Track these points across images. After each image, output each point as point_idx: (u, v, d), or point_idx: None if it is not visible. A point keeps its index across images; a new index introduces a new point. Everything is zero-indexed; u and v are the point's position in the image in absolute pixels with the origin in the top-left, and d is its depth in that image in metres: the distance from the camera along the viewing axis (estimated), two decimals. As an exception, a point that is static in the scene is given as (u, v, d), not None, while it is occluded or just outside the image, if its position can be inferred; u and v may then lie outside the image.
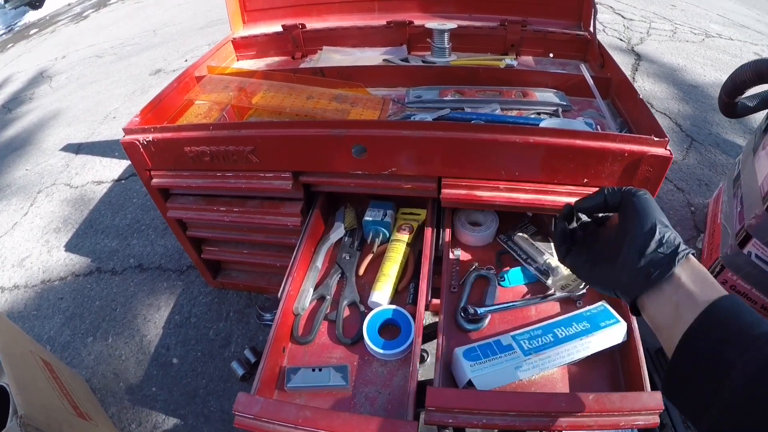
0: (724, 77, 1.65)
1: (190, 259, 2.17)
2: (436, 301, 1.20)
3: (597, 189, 0.79)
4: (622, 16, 4.19)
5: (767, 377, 0.50)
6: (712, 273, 1.62)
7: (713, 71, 3.41)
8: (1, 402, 1.32)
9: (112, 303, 2.22)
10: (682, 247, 0.66)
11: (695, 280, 0.63)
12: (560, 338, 1.06)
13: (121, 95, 4.29)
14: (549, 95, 1.55)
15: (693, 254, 0.67)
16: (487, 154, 1.19)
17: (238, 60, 2.08)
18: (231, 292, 2.10)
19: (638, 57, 3.55)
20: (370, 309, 1.24)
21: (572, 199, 1.15)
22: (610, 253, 0.73)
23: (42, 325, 2.21)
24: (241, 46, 2.07)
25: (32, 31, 7.58)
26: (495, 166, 1.20)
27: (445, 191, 1.24)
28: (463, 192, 1.23)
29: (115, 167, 3.24)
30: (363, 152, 1.24)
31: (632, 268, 0.67)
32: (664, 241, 0.66)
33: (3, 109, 4.82)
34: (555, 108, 1.50)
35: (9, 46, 7.17)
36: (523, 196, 1.21)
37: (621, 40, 3.74)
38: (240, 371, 1.69)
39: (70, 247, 2.65)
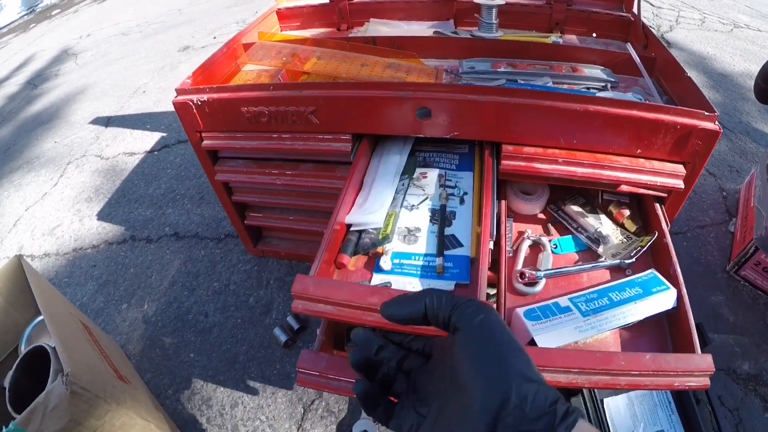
0: (754, 68, 1.66)
1: (229, 228, 2.19)
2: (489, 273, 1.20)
3: (418, 292, 0.51)
4: (651, 4, 4.17)
5: None
6: (745, 255, 1.65)
7: (742, 61, 3.39)
8: (39, 363, 1.33)
9: (147, 270, 2.23)
10: (561, 408, 0.40)
11: None
12: (615, 301, 1.08)
13: (150, 71, 4.28)
14: (597, 71, 1.56)
15: (583, 418, 0.40)
16: (548, 121, 1.20)
17: (282, 30, 2.08)
18: (271, 260, 2.10)
19: (668, 44, 3.53)
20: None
21: (626, 176, 1.17)
22: (445, 420, 0.46)
23: (74, 292, 2.22)
24: (286, 16, 2.07)
25: (54, 12, 7.58)
26: (555, 132, 1.21)
27: (504, 162, 1.24)
28: (522, 164, 1.24)
29: (147, 139, 3.25)
30: (427, 115, 1.24)
31: None
32: (529, 410, 0.40)
33: (28, 85, 4.84)
34: (604, 83, 1.50)
35: (31, 26, 7.18)
36: (580, 170, 1.21)
37: (650, 27, 3.73)
38: (283, 338, 1.71)
39: (102, 216, 2.66)
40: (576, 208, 1.37)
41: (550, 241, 1.31)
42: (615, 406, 1.29)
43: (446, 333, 0.48)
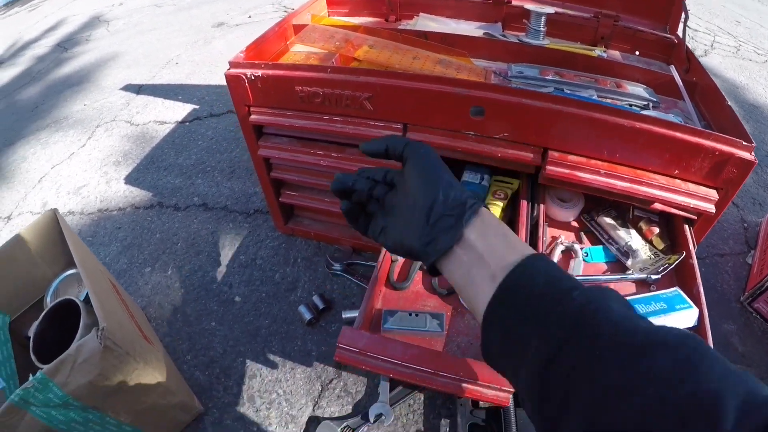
0: (787, 101, 1.67)
1: (258, 203, 2.22)
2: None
3: (383, 136, 0.72)
4: (688, 26, 4.17)
5: (559, 358, 0.48)
6: (760, 287, 1.67)
7: (774, 94, 3.40)
8: (65, 315, 1.38)
9: (173, 237, 2.26)
10: (470, 203, 0.60)
11: (485, 236, 0.59)
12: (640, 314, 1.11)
13: (183, 44, 4.31)
14: (640, 89, 1.58)
15: (485, 206, 0.62)
16: (595, 132, 1.23)
17: (329, 15, 2.11)
18: (299, 239, 2.13)
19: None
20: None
21: (662, 194, 1.20)
22: (402, 218, 0.66)
23: (97, 252, 2.25)
24: (335, 2, 2.10)
25: (87, -23, 7.62)
26: (600, 144, 1.25)
27: (549, 168, 1.27)
28: (566, 171, 1.27)
29: (179, 110, 3.27)
30: (481, 114, 1.27)
31: (422, 235, 0.62)
32: (449, 203, 0.60)
33: (58, 48, 4.87)
34: (646, 102, 1.53)
35: (63, -10, 7.23)
36: (620, 183, 1.25)
37: None
38: (307, 315, 1.74)
39: (129, 180, 2.69)
40: (609, 220, 1.41)
41: (581, 249, 1.35)
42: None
43: (401, 165, 0.68)
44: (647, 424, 0.40)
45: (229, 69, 1.48)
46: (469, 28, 1.94)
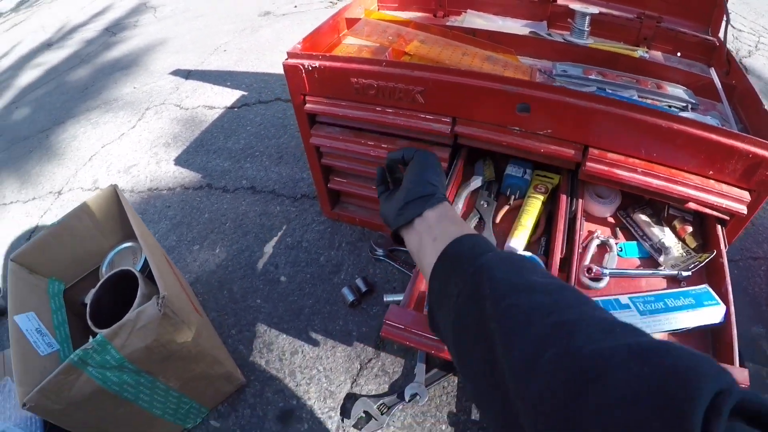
0: (830, 105, 1.67)
1: (306, 189, 2.30)
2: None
3: (403, 148, 0.96)
4: (732, 26, 4.05)
5: (466, 309, 0.60)
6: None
7: (818, 98, 3.35)
8: (121, 284, 1.45)
9: (221, 217, 2.35)
10: (438, 197, 0.81)
11: (440, 219, 0.78)
12: (669, 307, 1.19)
13: (230, 31, 4.38)
14: (679, 91, 1.61)
15: (450, 204, 0.83)
16: (634, 132, 1.27)
17: (379, 9, 2.16)
18: (344, 225, 2.19)
19: (746, 70, 3.42)
20: (506, 253, 1.34)
21: (696, 194, 1.24)
22: (393, 196, 0.89)
23: (147, 228, 2.33)
24: (385, -4, 2.16)
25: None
26: (638, 144, 1.29)
27: (589, 164, 1.32)
28: (605, 168, 1.31)
29: (228, 95, 3.34)
30: (526, 110, 1.33)
31: (397, 208, 0.83)
32: (423, 192, 0.82)
33: (106, 32, 4.98)
34: (685, 104, 1.56)
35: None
36: (656, 181, 1.29)
37: (729, 50, 3.65)
38: (350, 297, 1.80)
39: (179, 161, 2.78)
40: (644, 218, 1.45)
41: (616, 243, 1.41)
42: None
43: None
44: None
45: (287, 59, 1.54)
46: (515, 26, 1.98)
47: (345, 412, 1.60)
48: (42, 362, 1.34)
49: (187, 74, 3.73)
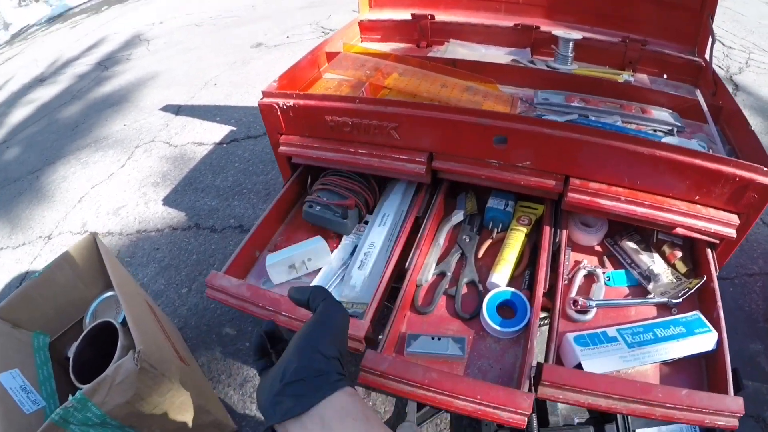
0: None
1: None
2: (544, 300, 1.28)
3: (307, 287, 0.73)
4: (722, 43, 4.07)
5: None
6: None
7: (809, 113, 3.35)
8: (104, 337, 1.42)
9: (210, 258, 2.32)
10: (333, 377, 0.59)
11: (342, 422, 0.56)
12: (659, 337, 1.15)
13: (222, 64, 4.40)
14: (665, 115, 1.59)
15: (353, 389, 0.61)
16: (615, 160, 1.24)
17: (362, 41, 2.16)
18: (332, 262, 2.15)
19: (736, 87, 3.47)
20: (488, 289, 1.33)
21: (683, 220, 1.21)
22: (271, 372, 0.64)
23: (136, 272, 2.32)
24: (368, 28, 2.15)
25: (128, -4, 7.79)
26: (620, 172, 1.26)
27: (570, 195, 1.29)
28: (587, 198, 1.28)
29: (217, 131, 3.35)
30: (503, 143, 1.30)
31: (271, 393, 0.59)
32: (309, 371, 0.59)
33: (99, 66, 5.01)
34: (671, 128, 1.54)
35: (104, 8, 7.41)
36: (640, 209, 1.26)
37: (720, 67, 3.65)
38: (338, 336, 1.76)
39: (168, 201, 2.76)
40: (631, 245, 1.42)
41: (604, 273, 1.38)
42: (645, 437, 1.33)
43: None
44: None
45: (262, 98, 1.53)
46: (499, 54, 1.97)
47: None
48: (27, 420, 1.32)
49: (177, 110, 3.74)
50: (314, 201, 1.53)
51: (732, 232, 1.23)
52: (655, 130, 1.54)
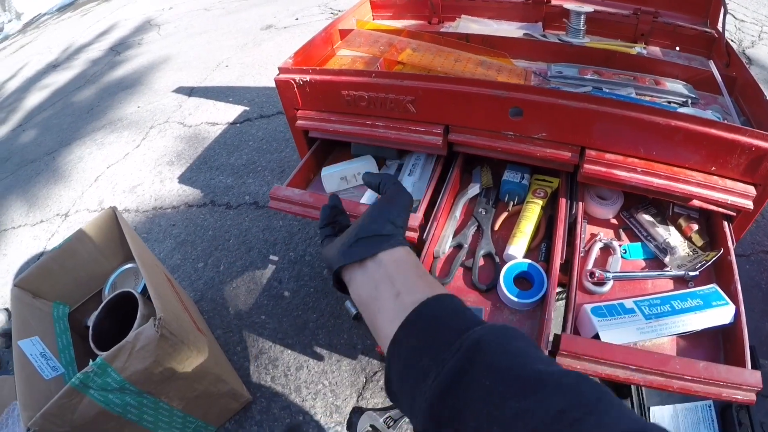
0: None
1: (308, 201, 2.28)
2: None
3: (379, 174, 0.84)
4: (734, 16, 4.01)
5: (451, 398, 0.48)
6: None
7: (823, 86, 3.29)
8: (122, 306, 1.45)
9: (225, 234, 2.35)
10: (398, 240, 0.69)
11: (401, 267, 0.65)
12: (676, 309, 1.14)
13: (233, 46, 4.40)
14: (679, 86, 1.58)
15: (409, 249, 0.70)
16: (631, 131, 1.23)
17: (374, 19, 2.16)
18: (347, 237, 2.16)
19: (749, 60, 3.44)
20: (505, 261, 1.33)
21: (699, 191, 1.21)
22: (342, 235, 0.75)
23: (152, 248, 2.35)
24: (379, 6, 2.15)
25: (138, -18, 7.79)
26: (636, 143, 1.25)
27: (586, 166, 1.29)
28: (603, 169, 1.28)
29: (230, 111, 3.36)
30: (519, 114, 1.30)
31: (345, 245, 0.69)
32: (380, 231, 0.69)
33: (111, 52, 5.03)
34: (685, 99, 1.53)
35: (114, -6, 7.40)
36: (657, 180, 1.25)
37: (732, 40, 3.59)
38: (353, 310, 1.79)
39: (183, 179, 2.79)
40: (647, 218, 1.42)
41: (620, 246, 1.37)
42: (660, 415, 1.33)
43: None
44: None
45: (278, 74, 1.53)
46: (510, 29, 1.96)
47: (351, 427, 1.59)
48: (47, 386, 1.35)
49: (190, 91, 3.75)
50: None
51: (749, 204, 1.22)
52: (669, 102, 1.52)
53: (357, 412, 1.62)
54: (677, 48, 1.85)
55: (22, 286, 1.53)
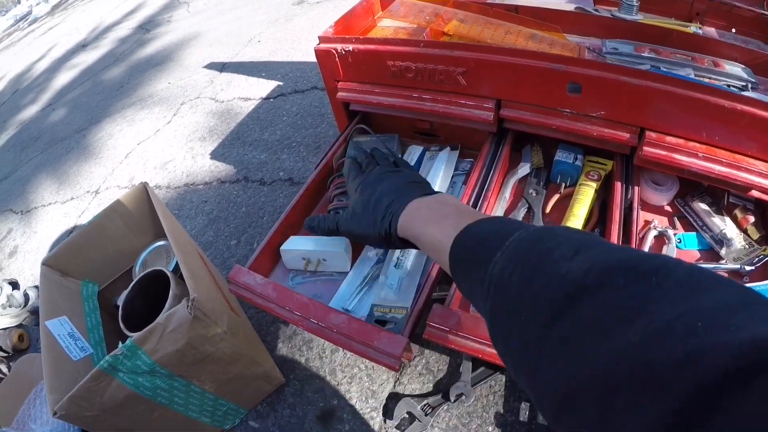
0: None
1: (344, 179, 2.23)
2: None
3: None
4: None
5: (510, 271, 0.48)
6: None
7: None
8: (153, 285, 1.42)
9: (259, 211, 2.30)
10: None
11: (452, 199, 0.73)
12: None
13: (264, 21, 4.34)
14: (737, 69, 1.51)
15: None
16: (695, 113, 1.17)
17: (416, -11, 2.09)
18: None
19: None
20: (559, 244, 1.25)
21: (761, 181, 1.15)
22: (381, 180, 0.83)
23: (184, 224, 2.32)
24: (422, -25, 2.08)
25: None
26: (699, 126, 1.19)
27: (646, 149, 1.23)
28: (663, 153, 1.22)
29: (263, 86, 3.31)
30: (577, 91, 1.24)
31: (400, 184, 0.78)
32: (422, 180, 0.81)
33: (140, 30, 5.04)
34: (745, 83, 1.46)
35: (141, -27, 7.40)
36: (718, 167, 1.19)
37: None
38: (393, 290, 1.73)
39: (215, 155, 2.75)
40: (703, 206, 1.35)
41: (675, 235, 1.31)
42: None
43: None
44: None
45: (318, 44, 1.48)
46: (560, 2, 1.89)
47: (387, 413, 1.55)
48: (75, 367, 1.32)
49: (222, 67, 3.72)
50: (339, 207, 1.37)
51: (809, 197, 1.16)
52: (729, 85, 1.46)
53: (393, 398, 1.57)
54: (733, 30, 1.78)
55: (51, 265, 1.50)
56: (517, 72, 1.28)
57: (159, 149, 2.97)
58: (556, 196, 1.41)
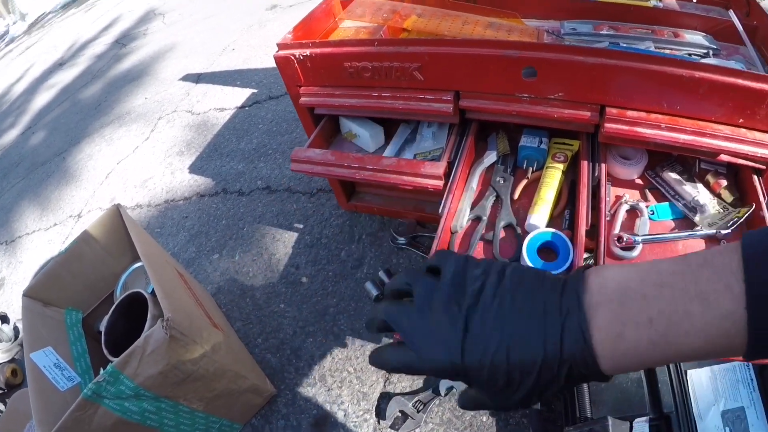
0: None
1: (321, 183, 2.24)
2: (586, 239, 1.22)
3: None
4: None
5: None
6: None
7: None
8: (135, 308, 1.40)
9: (239, 222, 2.30)
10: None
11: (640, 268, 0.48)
12: None
13: (238, 29, 4.33)
14: (698, 38, 1.52)
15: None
16: (653, 85, 1.17)
17: (377, -13, 2.09)
18: (363, 216, 2.12)
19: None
20: (527, 231, 1.26)
21: (727, 145, 1.14)
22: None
23: (166, 242, 2.31)
24: (381, -27, 2.07)
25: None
26: (659, 97, 1.19)
27: (607, 125, 1.22)
28: (626, 128, 1.21)
29: (238, 95, 3.30)
30: (533, 75, 1.23)
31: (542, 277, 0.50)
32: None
33: (116, 44, 5.03)
34: (706, 50, 1.46)
35: (115, -13, 7.38)
36: (682, 136, 1.18)
37: None
38: (374, 292, 1.71)
39: (194, 169, 2.74)
40: (674, 176, 1.35)
41: (647, 207, 1.31)
42: (698, 378, 1.27)
43: None
44: None
45: (277, 51, 1.48)
46: (519, -12, 1.89)
47: (380, 413, 1.55)
48: (62, 398, 1.31)
49: (197, 78, 3.71)
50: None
51: (780, 156, 1.16)
52: (690, 54, 1.47)
53: (385, 398, 1.57)
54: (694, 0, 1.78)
55: (32, 295, 1.49)
56: (471, 62, 1.27)
57: (138, 167, 2.95)
58: (523, 182, 1.40)
